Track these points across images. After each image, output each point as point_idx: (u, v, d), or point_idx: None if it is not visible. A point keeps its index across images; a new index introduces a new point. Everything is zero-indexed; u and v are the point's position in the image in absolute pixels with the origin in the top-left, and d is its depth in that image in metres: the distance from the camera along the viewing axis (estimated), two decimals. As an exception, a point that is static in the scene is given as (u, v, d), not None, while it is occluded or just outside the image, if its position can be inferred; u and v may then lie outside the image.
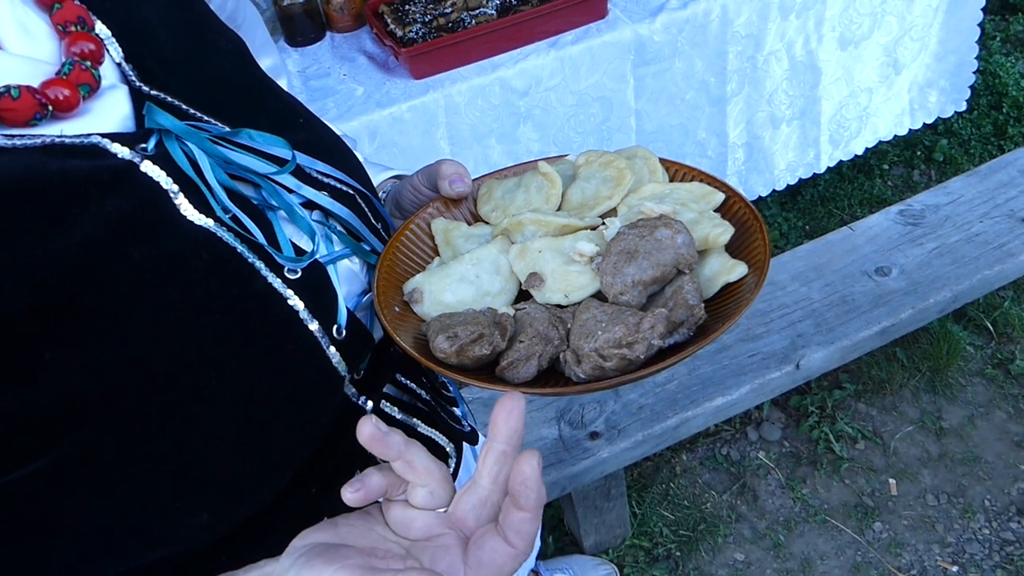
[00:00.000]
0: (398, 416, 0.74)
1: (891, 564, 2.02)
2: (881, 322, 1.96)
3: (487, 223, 0.73)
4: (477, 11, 2.00)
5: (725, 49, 2.17)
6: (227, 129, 0.60)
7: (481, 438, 0.95)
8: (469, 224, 0.73)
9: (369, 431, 0.51)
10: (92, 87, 0.54)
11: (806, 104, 2.40)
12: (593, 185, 0.69)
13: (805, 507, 2.14)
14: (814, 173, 2.59)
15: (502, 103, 1.98)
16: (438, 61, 1.93)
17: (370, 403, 0.67)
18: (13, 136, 0.50)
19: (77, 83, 0.53)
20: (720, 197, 0.68)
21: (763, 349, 1.94)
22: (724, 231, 0.62)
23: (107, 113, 0.56)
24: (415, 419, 0.76)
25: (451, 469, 0.81)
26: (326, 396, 0.62)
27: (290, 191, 0.62)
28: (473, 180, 0.75)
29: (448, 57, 1.93)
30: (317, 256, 0.61)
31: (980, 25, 2.52)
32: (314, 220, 0.63)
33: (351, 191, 0.67)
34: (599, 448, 1.75)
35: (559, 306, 0.61)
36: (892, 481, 2.18)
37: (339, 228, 0.65)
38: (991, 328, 2.46)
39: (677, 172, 0.72)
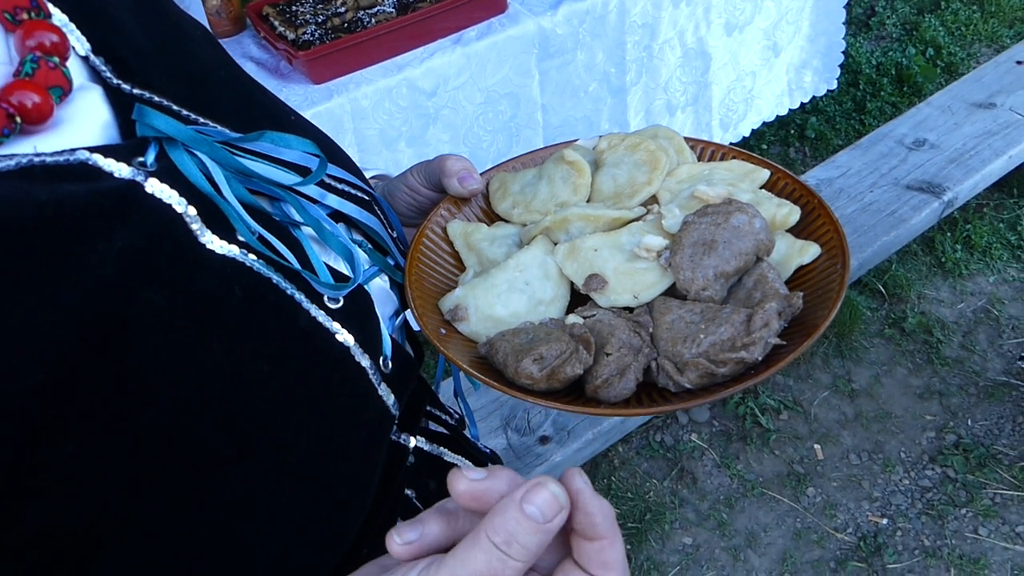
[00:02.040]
0: (426, 448, 0.65)
1: (828, 526, 2.09)
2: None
3: (508, 221, 0.65)
4: (375, 9, 1.90)
5: (623, 39, 2.17)
6: (232, 133, 0.49)
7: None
8: (488, 224, 0.65)
9: (465, 487, 0.38)
10: (64, 90, 0.43)
11: (698, 90, 2.45)
12: (625, 171, 0.63)
13: (742, 483, 2.18)
14: (709, 157, 2.65)
15: (410, 105, 1.89)
16: (339, 63, 1.81)
17: (412, 440, 0.58)
18: None
19: (47, 86, 0.41)
20: (765, 174, 0.63)
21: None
22: (791, 211, 0.58)
23: (83, 121, 0.44)
24: (442, 448, 0.67)
25: None
26: (379, 441, 0.52)
27: (313, 202, 0.52)
28: (481, 174, 0.68)
29: (350, 59, 1.82)
30: (360, 281, 0.51)
31: (846, 6, 2.66)
32: (345, 237, 0.53)
33: (367, 197, 0.57)
34: (551, 452, 1.70)
35: (628, 309, 0.55)
36: (817, 447, 2.26)
37: (365, 243, 0.56)
38: (883, 291, 2.61)
39: (705, 149, 0.68)
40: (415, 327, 0.55)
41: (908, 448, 2.25)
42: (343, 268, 0.52)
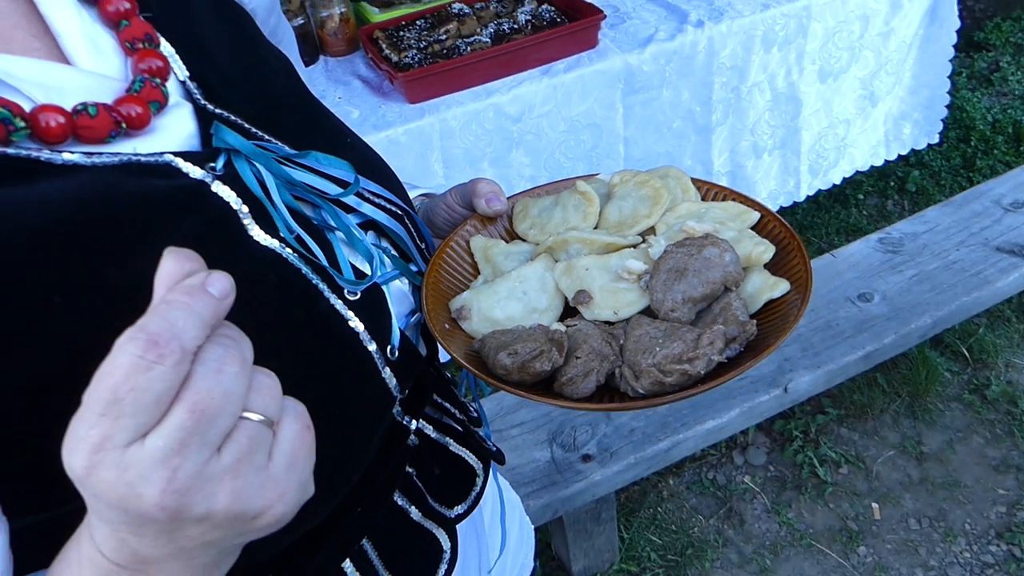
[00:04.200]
0: (433, 435, 0.73)
1: (876, 587, 2.04)
2: (865, 347, 2.00)
3: (524, 240, 0.74)
4: (472, 39, 2.03)
5: (711, 80, 2.22)
6: (289, 149, 0.60)
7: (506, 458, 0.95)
8: (507, 241, 0.74)
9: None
10: (161, 104, 0.55)
11: (787, 134, 2.46)
12: (630, 204, 0.71)
13: (791, 531, 2.16)
14: (794, 201, 2.64)
15: (495, 128, 2.00)
16: (434, 86, 1.95)
17: (415, 422, 0.67)
18: (91, 154, 0.50)
19: (148, 100, 0.53)
20: (755, 216, 0.70)
21: (752, 373, 1.97)
22: (766, 249, 0.64)
23: (173, 130, 0.56)
24: (448, 438, 0.76)
25: (478, 488, 0.81)
26: (379, 416, 0.62)
27: (349, 210, 0.62)
28: (508, 198, 0.77)
29: (444, 82, 1.95)
30: (376, 279, 0.61)
31: (951, 61, 2.61)
32: (370, 242, 0.64)
33: (399, 211, 0.68)
34: (591, 471, 1.76)
35: (608, 323, 0.62)
36: (875, 505, 2.21)
37: (390, 249, 0.66)
38: (967, 354, 2.53)
39: (709, 191, 0.74)
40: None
41: (974, 520, 2.17)
42: (366, 268, 0.62)
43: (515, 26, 2.08)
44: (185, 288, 0.39)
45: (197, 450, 0.38)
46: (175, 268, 0.40)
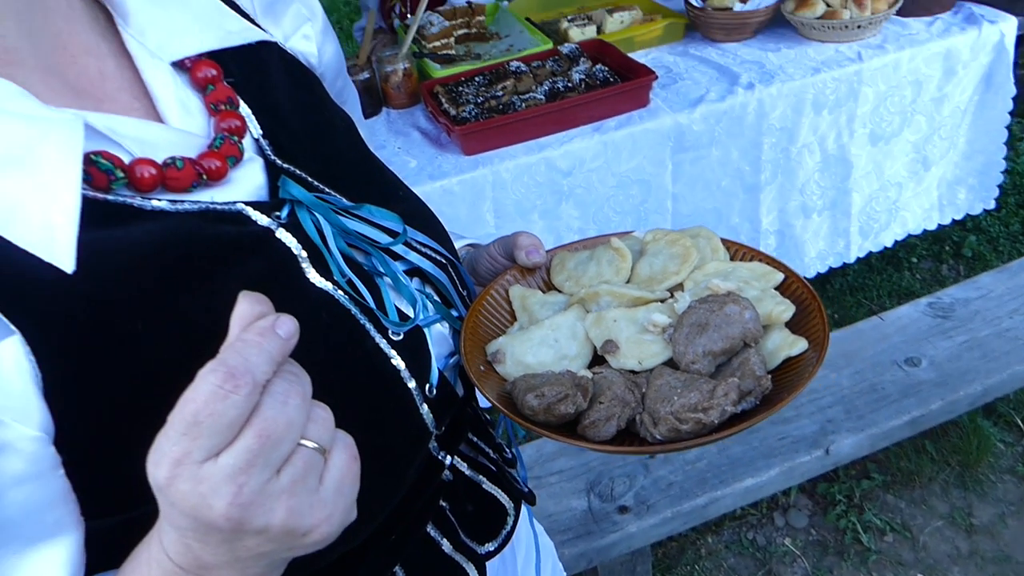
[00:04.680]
0: (467, 472, 0.78)
1: (920, 662, 1.98)
2: (911, 412, 1.98)
3: (560, 291, 0.78)
4: (527, 95, 2.11)
5: (760, 140, 2.26)
6: (347, 202, 0.67)
7: (537, 499, 0.99)
8: (543, 292, 0.79)
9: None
10: (237, 159, 0.62)
11: (837, 196, 2.47)
12: (660, 261, 0.75)
13: (832, 597, 2.12)
14: (844, 263, 2.64)
15: (546, 181, 2.07)
16: (488, 140, 2.03)
17: (449, 457, 0.72)
18: (176, 201, 0.57)
19: (226, 155, 0.60)
20: (779, 276, 0.73)
21: (793, 432, 1.95)
22: (786, 309, 0.67)
23: (246, 182, 0.63)
24: (481, 476, 0.80)
25: (508, 527, 0.84)
26: (415, 449, 0.66)
27: (397, 258, 0.68)
28: (547, 251, 0.82)
29: (498, 136, 2.04)
30: (418, 322, 0.67)
31: (1008, 127, 2.60)
32: (414, 288, 0.69)
33: (444, 260, 0.73)
34: (627, 522, 1.76)
35: (633, 372, 0.66)
36: (921, 576, 2.15)
37: (433, 295, 0.72)
38: (1021, 425, 2.46)
39: (737, 252, 0.78)
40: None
41: (1026, 596, 2.10)
42: (410, 311, 0.67)
43: (569, 84, 2.16)
44: (258, 328, 0.46)
45: (261, 470, 0.44)
46: (249, 310, 0.47)
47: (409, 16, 2.96)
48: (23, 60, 0.55)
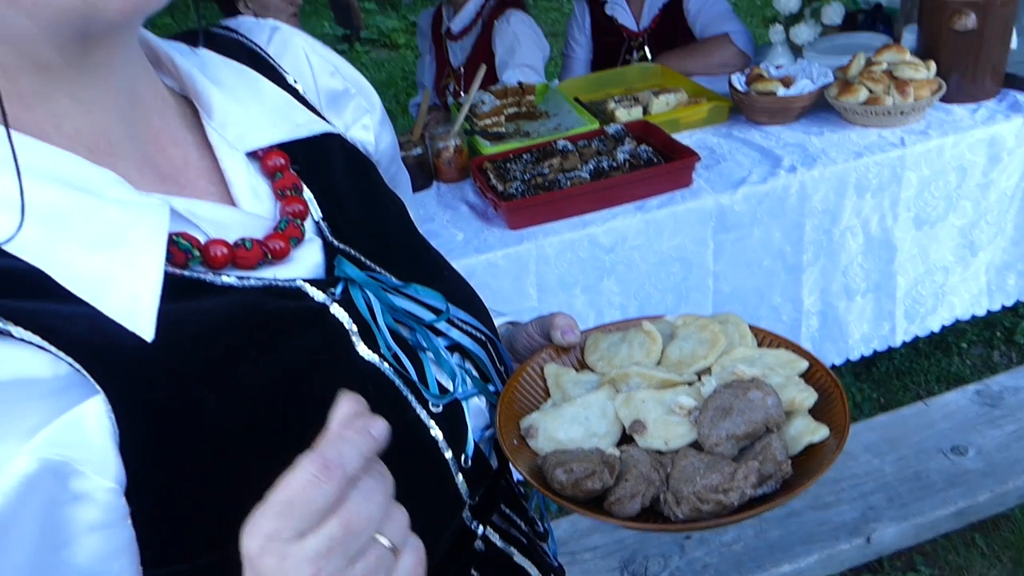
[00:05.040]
0: (499, 543, 0.81)
1: None
2: (957, 502, 1.93)
3: (593, 371, 0.82)
4: (572, 173, 2.19)
5: (802, 221, 2.29)
6: (396, 280, 0.72)
7: (571, 575, 1.00)
8: (577, 370, 0.83)
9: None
10: (299, 240, 0.68)
11: (881, 278, 2.47)
12: (690, 345, 0.79)
13: None
14: (889, 346, 2.62)
15: (589, 257, 2.12)
16: (533, 215, 2.10)
17: (481, 527, 0.75)
18: (243, 277, 0.63)
19: (289, 237, 0.67)
20: (804, 364, 0.76)
21: (833, 519, 1.92)
22: (808, 396, 0.70)
23: (306, 260, 0.69)
24: (512, 548, 0.82)
25: None
26: (449, 518, 0.70)
27: (440, 334, 0.73)
28: (582, 332, 0.86)
29: (543, 212, 2.11)
30: (457, 395, 0.71)
31: (1057, 215, 2.59)
32: (455, 363, 0.74)
33: (484, 337, 0.78)
34: (662, 603, 1.74)
35: (659, 451, 0.69)
36: (971, 676, 2.06)
37: (472, 371, 0.76)
38: (1077, 521, 2.37)
39: (764, 338, 0.81)
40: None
41: None
42: (450, 385, 0.72)
43: (613, 163, 2.23)
44: (354, 427, 0.51)
45: (339, 558, 0.48)
46: (348, 408, 0.53)
47: (462, 94, 3.11)
48: (123, 151, 0.62)
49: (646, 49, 3.30)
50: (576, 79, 3.20)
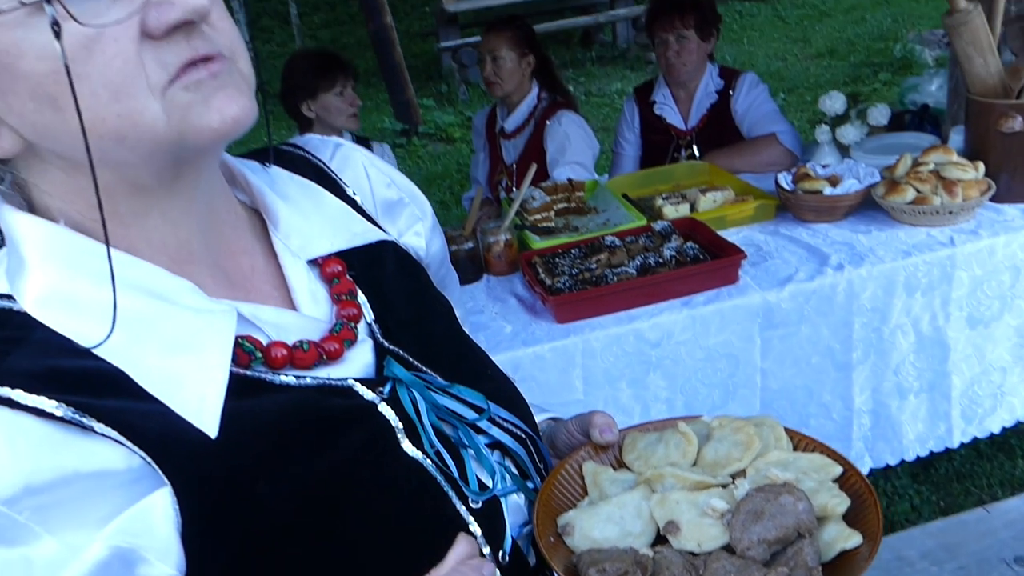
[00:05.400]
0: None
1: None
2: (1024, 617, 1.84)
3: (630, 470, 0.85)
4: (619, 269, 2.24)
5: (851, 319, 2.29)
6: (441, 380, 0.77)
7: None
8: (615, 469, 0.86)
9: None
10: (352, 341, 0.74)
11: (935, 378, 2.43)
12: (725, 447, 0.81)
13: None
14: (946, 447, 2.54)
15: (635, 351, 2.15)
16: (580, 309, 2.15)
17: None
18: (300, 376, 0.69)
19: (343, 339, 0.72)
20: (838, 470, 0.77)
21: (891, 629, 1.85)
22: (841, 502, 0.71)
23: (356, 361, 0.74)
24: None
25: None
26: None
27: (481, 432, 0.77)
28: (620, 430, 0.89)
29: (589, 307, 2.15)
30: (496, 492, 0.75)
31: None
32: (495, 460, 0.78)
33: (524, 435, 0.82)
34: None
35: (692, 553, 0.71)
36: None
37: (512, 468, 0.80)
38: None
39: (800, 442, 0.83)
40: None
41: None
42: (489, 482, 0.75)
43: (660, 260, 2.28)
44: (469, 565, 0.65)
45: None
46: (463, 549, 0.66)
47: (514, 190, 3.22)
48: (200, 260, 0.70)
49: (694, 147, 3.39)
50: (625, 176, 3.30)
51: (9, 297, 0.62)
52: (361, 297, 0.78)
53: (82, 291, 0.62)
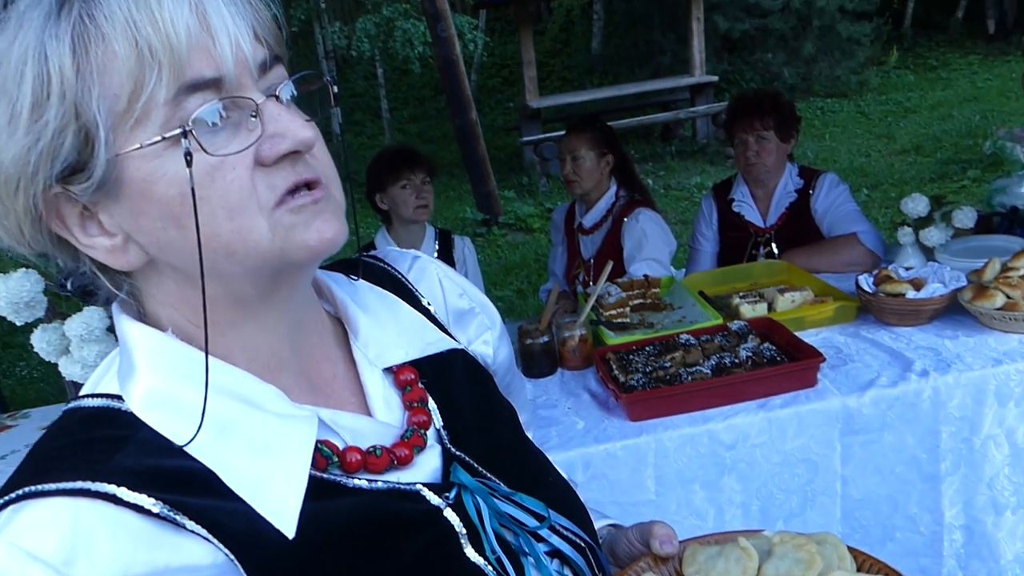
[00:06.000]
0: None
1: None
2: None
3: (691, 582, 0.85)
4: (694, 368, 2.24)
5: (938, 428, 2.20)
6: (504, 487, 0.80)
7: None
8: (675, 581, 0.86)
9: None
10: (421, 447, 0.78)
11: (1034, 494, 2.29)
12: (786, 564, 0.81)
13: None
14: (1050, 570, 2.37)
15: (709, 453, 2.12)
16: (654, 408, 2.15)
17: None
18: (371, 480, 0.74)
19: (413, 445, 0.77)
20: (902, 591, 0.76)
21: None
22: (906, 630, 0.70)
23: (425, 466, 0.78)
24: None
25: None
26: None
27: (541, 540, 0.80)
28: (680, 542, 0.90)
29: (663, 406, 2.15)
30: None
31: None
32: (554, 569, 0.80)
33: (583, 544, 0.84)
34: None
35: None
36: None
37: (570, 575, 0.82)
38: None
39: (864, 562, 0.82)
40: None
41: None
42: None
43: (736, 360, 2.27)
44: None
45: None
46: None
47: (591, 284, 3.27)
48: (286, 366, 0.76)
49: (773, 245, 3.39)
50: (702, 273, 3.31)
51: (119, 398, 0.69)
52: (431, 404, 0.83)
53: (182, 394, 0.69)
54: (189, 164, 0.63)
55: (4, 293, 1.90)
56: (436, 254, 3.54)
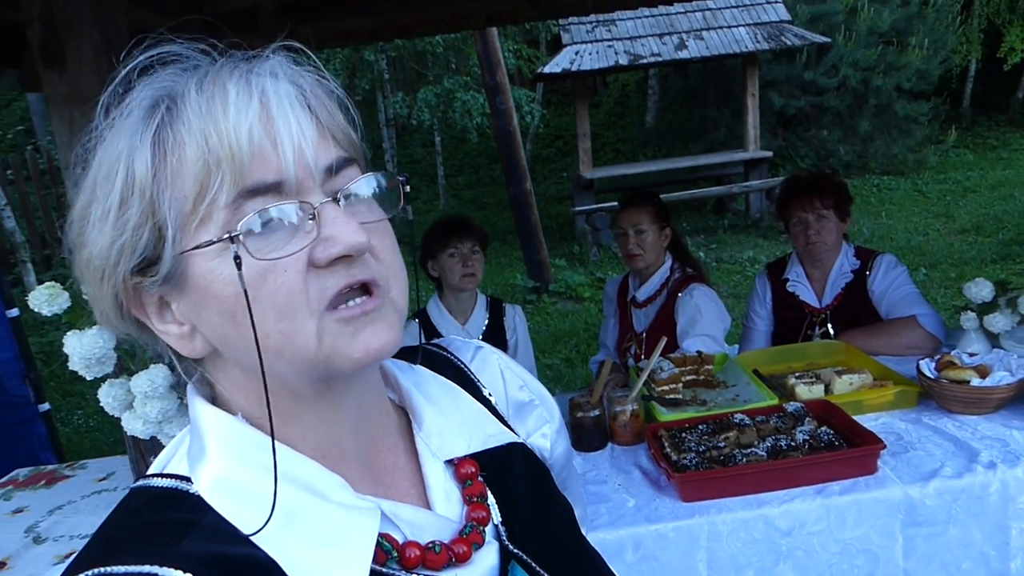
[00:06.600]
0: None
1: None
2: None
3: None
4: (749, 450, 2.20)
5: (1007, 524, 2.11)
6: None
7: None
8: None
9: None
10: (479, 545, 0.78)
11: (1114, 599, 2.16)
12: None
13: None
14: None
15: (764, 539, 2.06)
16: (706, 489, 2.11)
17: None
18: None
19: (472, 542, 0.77)
20: None
21: None
22: None
23: (483, 563, 0.77)
24: None
25: None
26: None
27: None
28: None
29: (716, 487, 2.11)
30: None
31: None
32: None
33: None
34: None
35: None
36: None
37: None
38: None
39: None
40: None
41: None
42: None
43: (792, 443, 2.22)
44: None
45: None
46: None
47: (643, 358, 3.26)
48: (349, 456, 0.77)
49: (828, 326, 3.33)
50: (756, 352, 3.27)
51: (187, 479, 0.71)
52: (490, 499, 0.82)
53: (249, 480, 0.70)
54: (239, 267, 0.66)
55: (79, 349, 1.98)
56: (487, 321, 3.57)
